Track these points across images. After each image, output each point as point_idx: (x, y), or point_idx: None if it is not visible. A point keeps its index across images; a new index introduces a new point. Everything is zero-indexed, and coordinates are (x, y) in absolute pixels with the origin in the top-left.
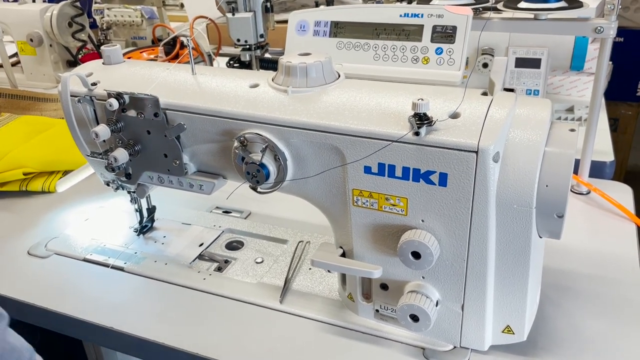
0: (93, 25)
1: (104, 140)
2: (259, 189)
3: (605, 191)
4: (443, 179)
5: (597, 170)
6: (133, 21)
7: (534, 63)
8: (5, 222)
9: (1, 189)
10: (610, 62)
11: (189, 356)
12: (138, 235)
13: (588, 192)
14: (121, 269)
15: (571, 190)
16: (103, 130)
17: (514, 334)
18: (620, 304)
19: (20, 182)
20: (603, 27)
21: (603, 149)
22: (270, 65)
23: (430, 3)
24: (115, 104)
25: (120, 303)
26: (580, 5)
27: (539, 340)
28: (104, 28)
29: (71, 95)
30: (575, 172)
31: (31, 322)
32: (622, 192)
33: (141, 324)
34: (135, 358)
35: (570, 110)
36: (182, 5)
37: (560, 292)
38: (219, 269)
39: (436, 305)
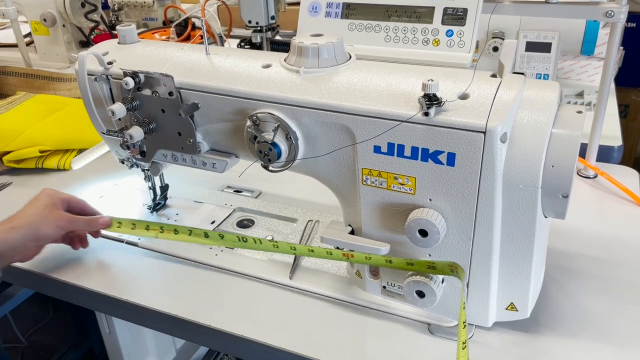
0: (105, 6)
1: (119, 119)
2: (270, 168)
3: (612, 175)
4: (451, 159)
5: (605, 154)
6: (144, 2)
7: (545, 47)
8: (22, 199)
9: (18, 166)
10: (622, 48)
11: (202, 328)
12: (151, 212)
13: (595, 176)
14: (135, 245)
15: (578, 174)
16: (119, 108)
17: (517, 311)
18: (623, 285)
19: (36, 160)
20: (614, 11)
21: (612, 134)
22: (281, 47)
23: None
24: (131, 82)
25: (134, 277)
26: None
27: (541, 318)
28: (116, 9)
29: (88, 74)
30: (583, 156)
31: (49, 294)
32: (629, 176)
33: (155, 297)
34: (147, 330)
35: (580, 95)
36: None
37: (564, 273)
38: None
39: (442, 282)
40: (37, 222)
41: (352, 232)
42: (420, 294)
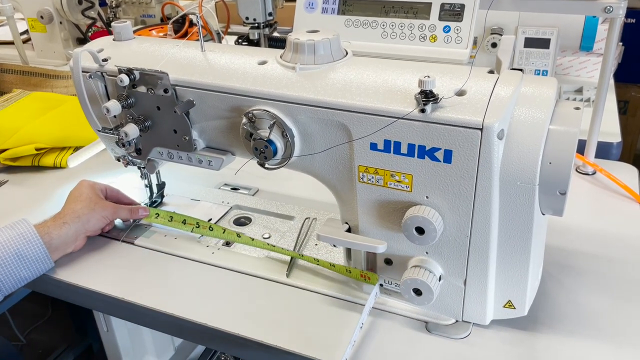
0: (102, 3)
1: (114, 116)
2: (266, 165)
3: (611, 172)
4: (448, 156)
5: (604, 151)
6: None
7: (543, 43)
8: (18, 196)
9: (14, 163)
10: (621, 44)
11: (198, 326)
12: None
13: (594, 173)
14: (132, 243)
15: (577, 171)
16: (114, 106)
17: (515, 309)
18: (622, 282)
19: (33, 157)
20: (612, 6)
21: (611, 130)
22: (279, 44)
23: None
24: (125, 79)
25: (131, 275)
26: None
27: (539, 316)
28: (113, 6)
29: (82, 71)
30: (582, 152)
31: (46, 293)
32: (628, 173)
33: (152, 296)
34: (145, 328)
35: (579, 91)
36: None
37: (562, 270)
38: (227, 244)
39: (439, 280)
40: (86, 215)
41: (348, 230)
42: (418, 292)
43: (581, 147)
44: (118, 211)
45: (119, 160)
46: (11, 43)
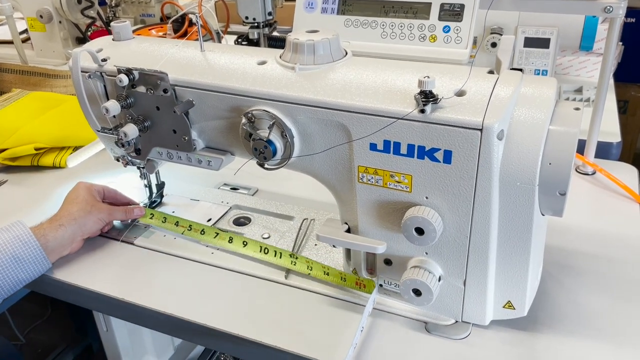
0: (102, 3)
1: (114, 116)
2: (266, 165)
3: (610, 172)
4: (447, 157)
5: (604, 151)
6: None
7: (543, 43)
8: (17, 197)
9: (13, 163)
10: (621, 43)
11: (197, 327)
12: None
13: (593, 173)
14: (131, 243)
15: (577, 171)
16: (113, 106)
17: (514, 309)
18: (622, 282)
19: (32, 157)
20: (612, 6)
21: (610, 130)
22: (279, 43)
23: None
24: (125, 79)
25: (130, 275)
26: None
27: (539, 316)
28: (113, 5)
29: (82, 71)
30: (581, 152)
31: (45, 293)
32: (628, 173)
33: (151, 296)
34: (145, 328)
35: (579, 91)
36: None
37: (562, 270)
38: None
39: (439, 281)
40: (82, 218)
41: (348, 230)
42: (417, 292)
43: (581, 147)
44: (114, 213)
45: (118, 160)
46: (10, 42)
